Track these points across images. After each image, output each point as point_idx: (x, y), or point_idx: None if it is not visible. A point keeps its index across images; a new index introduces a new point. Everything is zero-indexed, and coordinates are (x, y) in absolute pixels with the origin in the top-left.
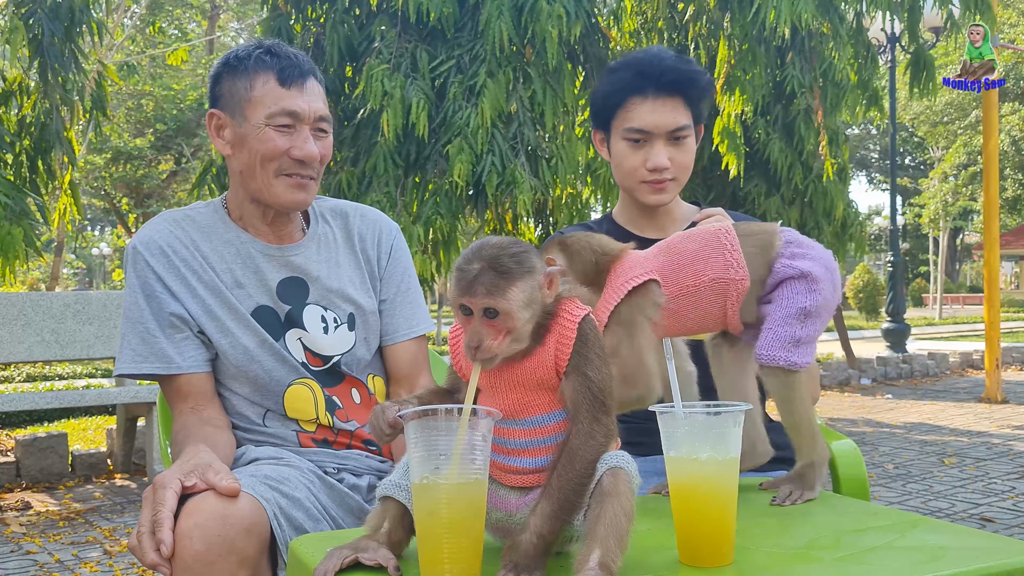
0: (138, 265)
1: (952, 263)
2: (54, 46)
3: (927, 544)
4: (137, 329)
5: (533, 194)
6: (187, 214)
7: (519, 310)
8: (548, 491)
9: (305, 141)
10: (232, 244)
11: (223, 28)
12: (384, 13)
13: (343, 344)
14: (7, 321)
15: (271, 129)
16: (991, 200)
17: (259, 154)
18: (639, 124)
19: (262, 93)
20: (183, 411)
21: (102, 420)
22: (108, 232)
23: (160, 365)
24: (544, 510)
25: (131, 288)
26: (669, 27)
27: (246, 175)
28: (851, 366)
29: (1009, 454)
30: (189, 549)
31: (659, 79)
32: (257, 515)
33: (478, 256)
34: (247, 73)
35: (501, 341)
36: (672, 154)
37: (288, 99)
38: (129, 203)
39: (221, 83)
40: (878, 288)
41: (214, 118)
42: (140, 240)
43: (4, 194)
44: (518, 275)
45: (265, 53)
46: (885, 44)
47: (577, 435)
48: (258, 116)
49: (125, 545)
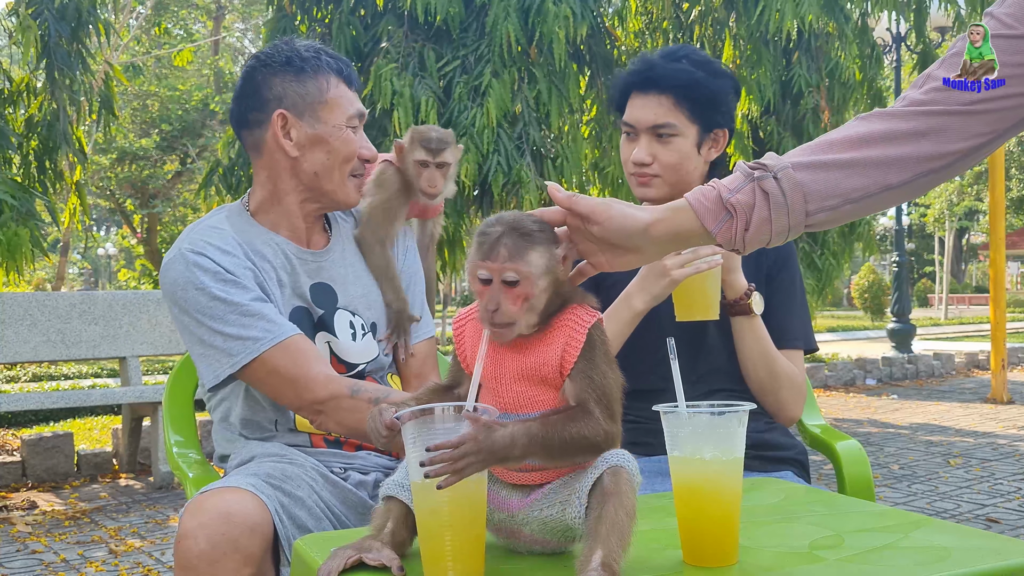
0: (201, 263)
1: (958, 263)
2: (61, 46)
3: (932, 544)
4: (230, 319)
5: (539, 193)
6: (215, 221)
7: (539, 276)
8: (541, 418)
9: (365, 141)
10: (270, 245)
11: (228, 29)
12: (390, 13)
13: (369, 352)
14: (13, 321)
15: (350, 131)
16: (997, 200)
17: (342, 155)
18: (628, 118)
19: (338, 95)
20: (323, 374)
21: (107, 420)
22: (113, 232)
23: (276, 334)
24: (529, 425)
25: (201, 289)
26: (674, 27)
27: (321, 176)
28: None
29: (1015, 455)
30: (194, 548)
31: (645, 75)
32: (261, 514)
33: (499, 221)
34: (316, 74)
35: (519, 307)
36: (656, 151)
37: (356, 101)
38: (134, 203)
39: (284, 82)
40: (883, 288)
41: (282, 118)
42: (188, 246)
43: (11, 195)
44: (539, 240)
45: (326, 55)
46: (890, 44)
47: (583, 411)
48: (337, 118)
49: (131, 544)
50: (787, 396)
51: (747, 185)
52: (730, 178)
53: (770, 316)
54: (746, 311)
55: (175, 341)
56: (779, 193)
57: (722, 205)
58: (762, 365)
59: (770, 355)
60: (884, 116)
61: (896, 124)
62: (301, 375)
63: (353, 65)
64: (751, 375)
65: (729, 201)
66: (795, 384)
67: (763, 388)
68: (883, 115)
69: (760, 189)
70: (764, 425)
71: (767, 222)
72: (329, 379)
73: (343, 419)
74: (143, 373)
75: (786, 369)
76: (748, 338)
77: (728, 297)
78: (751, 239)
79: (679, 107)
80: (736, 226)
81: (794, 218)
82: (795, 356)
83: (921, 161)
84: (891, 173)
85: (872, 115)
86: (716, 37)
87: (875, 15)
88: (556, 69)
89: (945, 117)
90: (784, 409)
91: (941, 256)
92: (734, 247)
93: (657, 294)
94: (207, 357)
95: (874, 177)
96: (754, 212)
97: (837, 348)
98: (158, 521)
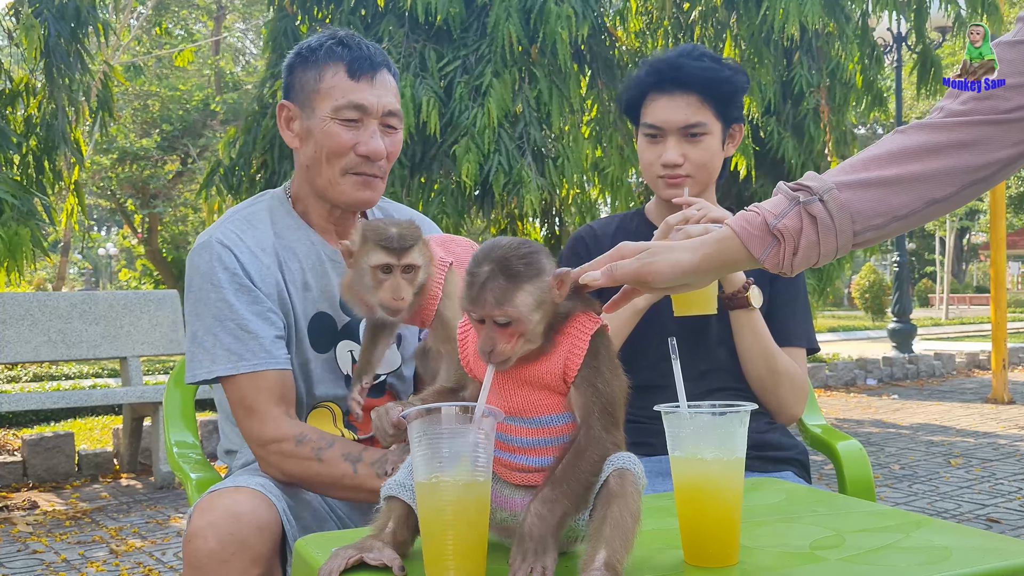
0: (225, 260)
1: (958, 263)
2: (60, 46)
3: (933, 544)
4: (228, 327)
5: (540, 194)
6: (255, 211)
7: (529, 314)
8: (551, 478)
9: (371, 136)
10: (304, 244)
11: (229, 29)
12: (391, 13)
13: (391, 363)
14: (14, 321)
15: (336, 123)
16: (997, 200)
17: (325, 149)
18: (652, 120)
19: (330, 85)
20: (281, 415)
21: (108, 420)
22: (114, 232)
23: (259, 361)
24: (545, 495)
25: (215, 285)
26: (675, 27)
27: (312, 170)
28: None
29: (1016, 455)
30: (203, 547)
31: (673, 76)
32: (269, 514)
33: (487, 259)
34: (317, 64)
35: (514, 344)
36: (686, 150)
37: (356, 92)
38: (135, 203)
39: (293, 74)
40: (884, 288)
41: (284, 109)
42: (221, 236)
43: (11, 195)
44: (526, 278)
45: (337, 44)
46: (891, 44)
47: (586, 436)
48: (325, 109)
49: (131, 544)
50: (787, 394)
51: (793, 209)
52: (773, 202)
53: (772, 315)
54: (744, 304)
55: (175, 341)
56: (827, 216)
57: (768, 231)
58: (761, 362)
59: (770, 352)
60: (924, 128)
61: (937, 136)
62: (259, 409)
63: (386, 57)
64: (751, 372)
65: (776, 227)
66: (796, 382)
67: (763, 385)
68: (923, 127)
69: (807, 213)
70: (765, 425)
71: (815, 246)
72: (280, 421)
73: (281, 464)
74: (144, 373)
75: (787, 367)
76: (747, 333)
77: (726, 291)
78: (799, 262)
79: (705, 105)
80: (784, 251)
81: (842, 239)
82: (797, 355)
83: (966, 172)
84: (936, 187)
85: (911, 127)
86: (717, 37)
87: (876, 15)
88: (557, 69)
89: (986, 127)
90: (784, 407)
91: (942, 256)
92: (781, 271)
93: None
94: (194, 353)
95: (919, 192)
96: (802, 237)
97: (838, 348)
98: (159, 521)
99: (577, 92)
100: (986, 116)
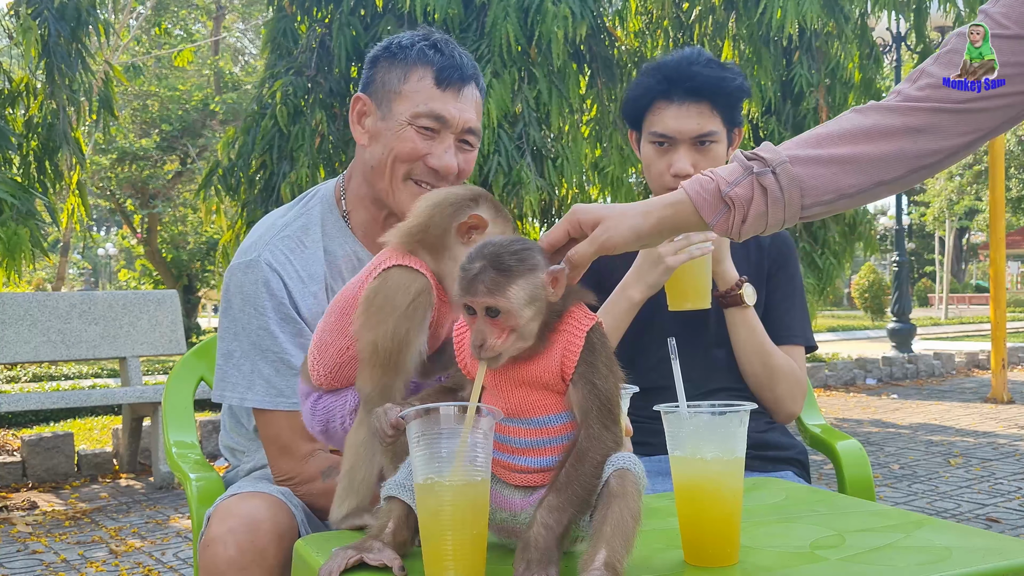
0: (272, 285)
1: (958, 263)
2: (60, 46)
3: (932, 544)
4: (270, 358)
5: (539, 194)
6: (308, 224)
7: (520, 308)
8: (555, 485)
9: (446, 150)
10: (352, 258)
11: (228, 29)
12: (390, 13)
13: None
14: (13, 321)
15: (412, 129)
16: (997, 199)
17: (394, 152)
18: (662, 129)
19: (414, 89)
20: (311, 453)
21: (108, 420)
22: (114, 233)
23: (293, 398)
24: (551, 502)
25: (259, 311)
26: (675, 27)
27: (376, 171)
28: None
29: (1015, 454)
30: (222, 554)
31: (684, 84)
32: (288, 522)
33: (480, 255)
34: (405, 64)
35: (505, 339)
36: (696, 160)
37: (439, 101)
38: (134, 203)
39: (376, 68)
40: (883, 288)
41: (359, 102)
42: (270, 257)
43: (11, 195)
44: (519, 273)
45: (430, 47)
46: (890, 43)
47: (587, 438)
48: (403, 113)
49: (131, 545)
50: (784, 391)
51: (746, 179)
52: (728, 169)
53: (770, 313)
54: (737, 302)
55: (175, 341)
56: (777, 189)
57: (720, 198)
58: (757, 358)
59: (765, 349)
60: (880, 110)
61: (892, 119)
62: (294, 450)
63: (477, 70)
64: (746, 369)
65: (728, 195)
66: (793, 379)
67: (759, 382)
68: (879, 109)
69: (759, 184)
70: (764, 425)
71: (763, 216)
72: (311, 460)
73: (310, 500)
74: (143, 373)
75: (783, 363)
76: (742, 331)
77: (719, 288)
78: (747, 230)
79: (715, 113)
80: (734, 219)
81: (790, 212)
82: (795, 352)
83: (915, 158)
84: (885, 169)
85: (868, 108)
86: (716, 37)
87: (875, 15)
88: (556, 69)
89: (940, 114)
90: (781, 404)
91: (941, 256)
92: (729, 235)
93: (653, 282)
94: (227, 372)
95: (869, 173)
96: (751, 206)
97: (837, 348)
98: (158, 521)
99: (576, 92)
100: (940, 104)
